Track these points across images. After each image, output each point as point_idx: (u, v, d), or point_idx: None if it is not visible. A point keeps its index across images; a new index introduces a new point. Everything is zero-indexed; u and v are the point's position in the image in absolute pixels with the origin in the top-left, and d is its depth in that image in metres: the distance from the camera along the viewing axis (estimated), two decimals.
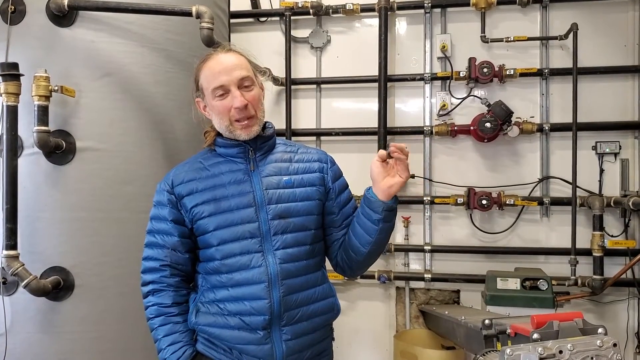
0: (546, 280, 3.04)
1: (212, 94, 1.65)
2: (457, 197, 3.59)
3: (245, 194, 1.66)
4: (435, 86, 3.78)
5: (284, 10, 3.82)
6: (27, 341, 2.39)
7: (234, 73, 1.63)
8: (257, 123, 1.69)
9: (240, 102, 1.62)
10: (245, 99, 1.63)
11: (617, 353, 1.17)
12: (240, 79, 1.64)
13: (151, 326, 1.69)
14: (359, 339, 3.85)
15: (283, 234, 1.64)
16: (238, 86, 1.64)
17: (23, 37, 2.45)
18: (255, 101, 1.67)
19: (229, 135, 1.69)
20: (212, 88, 1.64)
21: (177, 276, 1.71)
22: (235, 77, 1.63)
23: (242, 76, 1.64)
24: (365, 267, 1.81)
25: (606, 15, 3.58)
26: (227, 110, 1.64)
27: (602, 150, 3.53)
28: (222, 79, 1.63)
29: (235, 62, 1.66)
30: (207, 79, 1.66)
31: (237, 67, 1.65)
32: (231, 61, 1.65)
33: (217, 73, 1.64)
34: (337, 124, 3.87)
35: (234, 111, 1.64)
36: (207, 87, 1.66)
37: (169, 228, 1.69)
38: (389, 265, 3.82)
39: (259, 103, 1.70)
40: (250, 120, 1.66)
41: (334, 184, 1.77)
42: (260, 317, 1.59)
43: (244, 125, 1.66)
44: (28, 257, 2.33)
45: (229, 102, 1.64)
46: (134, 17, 2.53)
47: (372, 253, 1.71)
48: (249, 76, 1.66)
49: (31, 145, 2.38)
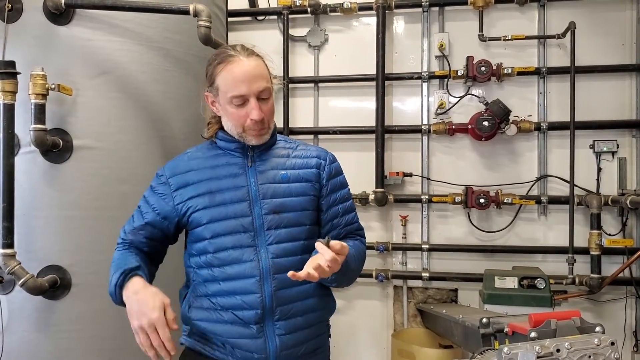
0: (544, 278, 3.05)
1: (230, 99, 1.63)
2: (454, 196, 3.60)
3: (239, 187, 1.66)
4: (433, 85, 3.78)
5: (281, 9, 3.82)
6: (23, 340, 2.39)
7: (256, 85, 1.62)
8: (268, 132, 1.71)
9: (258, 116, 1.62)
10: (262, 112, 1.63)
11: (614, 352, 1.16)
12: (260, 91, 1.63)
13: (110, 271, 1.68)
14: (357, 337, 3.85)
15: (277, 229, 1.65)
16: (257, 97, 1.63)
17: (20, 35, 2.44)
18: (269, 113, 1.68)
19: (238, 138, 1.70)
20: (231, 95, 1.62)
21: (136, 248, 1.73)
22: (257, 88, 1.62)
23: (263, 88, 1.63)
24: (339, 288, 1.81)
25: (604, 14, 3.58)
26: (243, 119, 1.64)
27: (599, 149, 3.54)
28: (243, 89, 1.61)
29: (257, 71, 1.63)
30: (226, 83, 1.63)
31: (258, 77, 1.63)
32: (253, 70, 1.63)
33: (238, 81, 1.61)
34: (334, 123, 3.87)
35: (249, 122, 1.64)
36: (224, 91, 1.64)
37: (145, 209, 1.72)
38: (386, 264, 3.82)
39: (273, 114, 1.71)
40: (263, 130, 1.68)
41: (329, 181, 1.76)
42: (252, 311, 1.60)
43: (257, 134, 1.67)
44: (25, 255, 2.32)
45: (246, 112, 1.63)
46: (131, 16, 2.53)
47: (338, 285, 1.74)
48: (268, 88, 1.65)
49: (28, 144, 2.37)
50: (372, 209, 3.78)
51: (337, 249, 1.47)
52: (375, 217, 3.81)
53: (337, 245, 1.48)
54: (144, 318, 1.48)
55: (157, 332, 1.47)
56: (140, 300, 1.52)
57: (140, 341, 1.50)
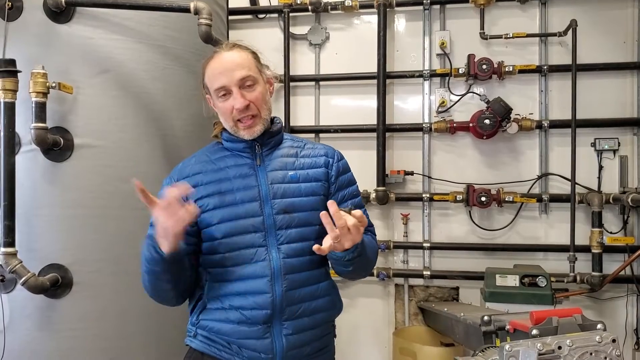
0: (545, 277, 3.05)
1: (215, 94, 1.65)
2: (456, 194, 3.59)
3: (250, 187, 1.66)
4: (434, 83, 3.78)
5: (282, 7, 3.82)
6: (25, 339, 2.39)
7: (234, 74, 1.62)
8: (260, 122, 1.68)
9: (240, 104, 1.62)
10: (246, 99, 1.62)
11: (616, 349, 1.16)
12: (241, 79, 1.63)
13: (143, 280, 1.63)
14: (358, 336, 3.85)
15: (287, 228, 1.64)
16: (240, 86, 1.63)
17: (20, 34, 2.44)
18: (258, 100, 1.66)
19: (234, 135, 1.70)
20: (214, 89, 1.64)
21: None
22: (236, 77, 1.62)
23: (243, 76, 1.63)
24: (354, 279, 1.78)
25: (605, 11, 3.57)
26: (230, 111, 1.64)
27: (601, 147, 3.53)
28: (223, 80, 1.62)
29: (237, 61, 1.64)
30: (209, 79, 1.67)
31: (238, 66, 1.63)
32: (233, 60, 1.64)
33: (218, 74, 1.63)
34: (335, 121, 3.87)
35: (235, 112, 1.64)
36: (210, 87, 1.67)
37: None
38: (388, 263, 3.82)
39: (263, 102, 1.68)
40: (253, 119, 1.66)
41: (337, 179, 1.76)
42: (262, 311, 1.59)
43: (247, 125, 1.66)
44: (26, 254, 2.32)
45: (230, 103, 1.63)
46: (131, 14, 2.52)
47: (354, 273, 1.70)
48: (250, 75, 1.64)
49: (29, 142, 2.37)
50: (373, 208, 3.78)
51: (359, 216, 1.47)
52: (377, 215, 3.80)
53: (358, 213, 1.48)
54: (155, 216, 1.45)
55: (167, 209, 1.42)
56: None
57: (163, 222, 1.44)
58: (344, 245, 1.48)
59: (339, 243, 1.47)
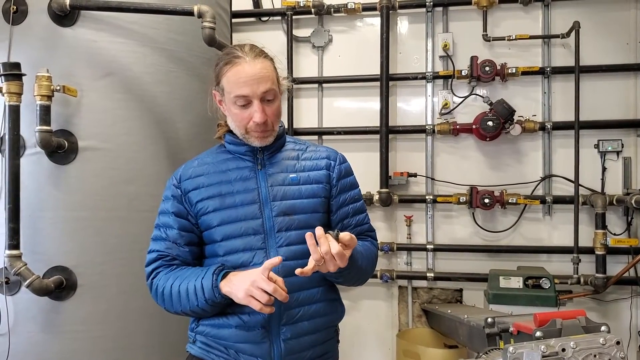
0: (549, 278, 3.04)
1: (233, 100, 1.62)
2: (459, 196, 3.59)
3: (250, 190, 1.65)
4: (437, 85, 3.78)
5: (285, 9, 3.83)
6: (29, 341, 2.40)
7: (259, 87, 1.59)
8: (272, 134, 1.68)
9: (260, 119, 1.60)
10: (265, 115, 1.62)
11: (620, 351, 1.16)
12: (264, 92, 1.61)
13: (166, 294, 1.62)
14: (362, 338, 3.85)
15: (287, 230, 1.63)
16: (261, 99, 1.61)
17: (25, 37, 2.45)
18: (274, 115, 1.66)
19: (242, 140, 1.69)
20: (234, 95, 1.61)
21: (176, 263, 1.68)
22: (261, 90, 1.59)
23: (267, 89, 1.60)
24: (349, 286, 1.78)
25: (608, 13, 3.57)
26: (246, 120, 1.63)
27: (604, 148, 3.52)
28: (246, 90, 1.59)
29: (262, 73, 1.60)
30: (230, 84, 1.61)
31: (262, 79, 1.60)
32: (259, 72, 1.60)
33: (242, 83, 1.59)
34: (338, 123, 3.87)
35: (252, 124, 1.62)
36: (229, 92, 1.62)
37: (171, 221, 1.68)
38: (391, 265, 3.82)
39: (278, 116, 1.69)
40: (266, 132, 1.66)
41: (338, 182, 1.75)
42: (260, 315, 1.57)
43: (260, 136, 1.66)
44: (30, 256, 2.33)
45: (249, 113, 1.62)
46: (135, 17, 2.54)
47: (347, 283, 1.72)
48: (272, 89, 1.62)
49: (33, 145, 2.38)
50: (376, 210, 3.78)
51: (347, 240, 1.47)
52: (380, 217, 3.80)
53: (347, 237, 1.47)
54: (245, 284, 1.48)
55: (262, 289, 1.45)
56: (238, 277, 1.53)
57: (255, 304, 1.47)
58: (329, 268, 1.47)
59: (323, 267, 1.47)
